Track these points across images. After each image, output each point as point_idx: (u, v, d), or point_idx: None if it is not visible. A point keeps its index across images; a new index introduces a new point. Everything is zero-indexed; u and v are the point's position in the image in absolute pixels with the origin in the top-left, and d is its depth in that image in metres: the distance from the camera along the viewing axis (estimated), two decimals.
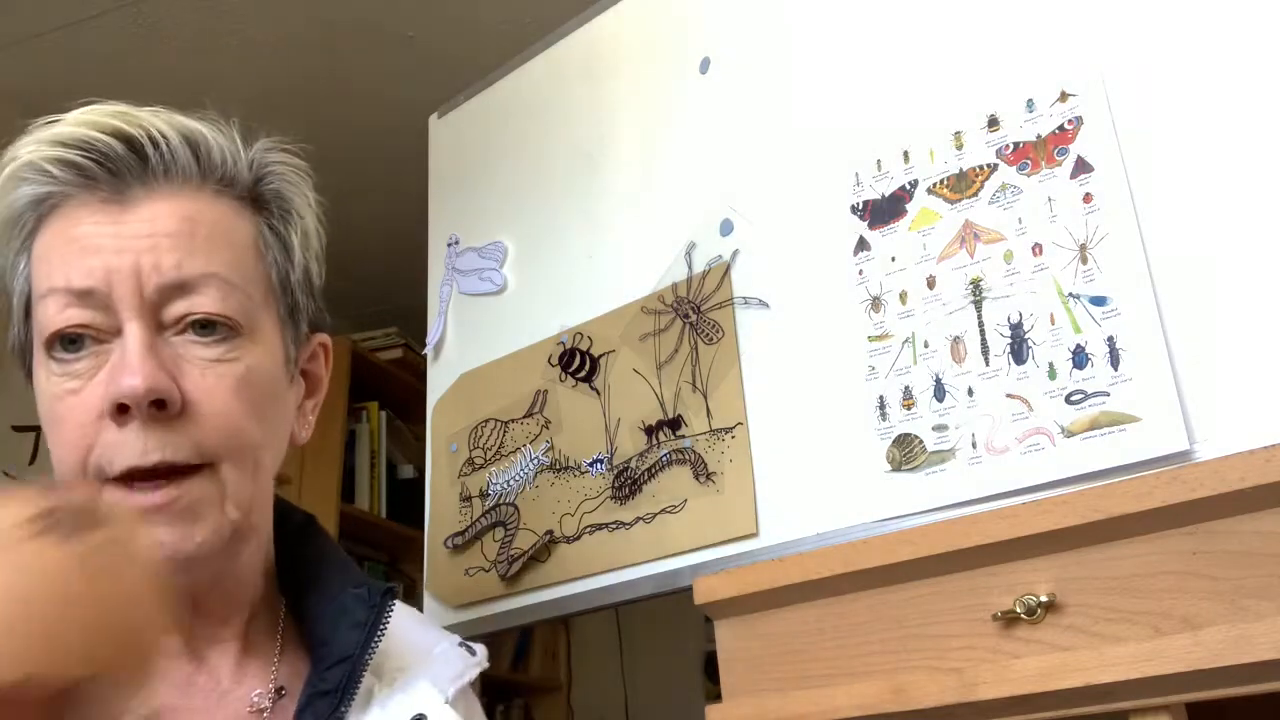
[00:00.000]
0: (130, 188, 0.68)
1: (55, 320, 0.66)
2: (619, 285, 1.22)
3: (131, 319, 0.66)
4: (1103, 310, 0.86)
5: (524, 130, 1.40)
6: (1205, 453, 0.79)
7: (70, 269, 0.66)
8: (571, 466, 1.20)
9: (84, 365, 0.66)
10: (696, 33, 1.23)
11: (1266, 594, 0.72)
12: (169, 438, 0.65)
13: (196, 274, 0.67)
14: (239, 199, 0.72)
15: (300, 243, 0.76)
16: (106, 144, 0.67)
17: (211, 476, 0.67)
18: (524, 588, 1.19)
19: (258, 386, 0.70)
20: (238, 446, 0.68)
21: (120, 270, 0.66)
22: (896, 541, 0.88)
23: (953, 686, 0.82)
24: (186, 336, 0.67)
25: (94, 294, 0.66)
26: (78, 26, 1.89)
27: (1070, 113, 0.92)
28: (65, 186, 0.68)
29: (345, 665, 0.71)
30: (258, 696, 0.72)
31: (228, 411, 0.67)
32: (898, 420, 0.95)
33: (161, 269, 0.66)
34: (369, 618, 0.73)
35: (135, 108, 0.70)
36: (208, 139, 0.71)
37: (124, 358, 0.65)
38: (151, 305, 0.66)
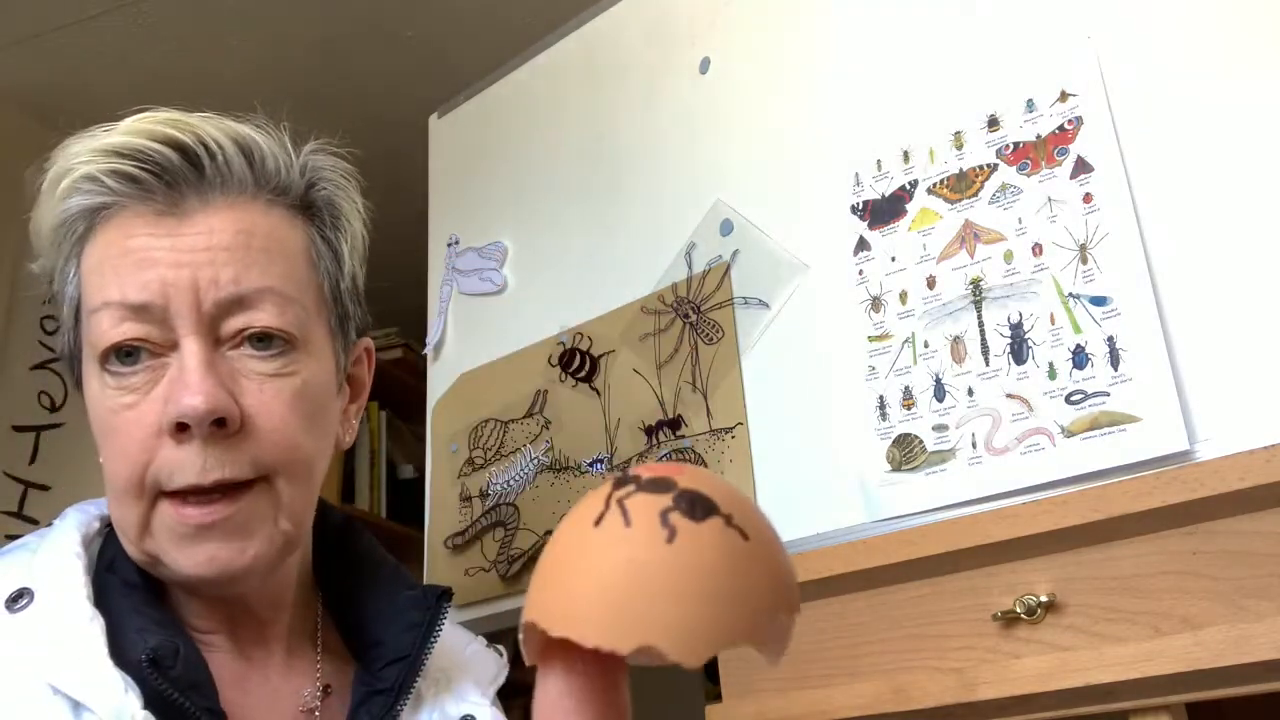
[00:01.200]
0: (186, 199, 0.67)
1: (110, 334, 0.65)
2: (619, 285, 1.22)
3: (189, 334, 0.65)
4: (1103, 310, 0.86)
5: (524, 130, 1.40)
6: (1205, 453, 0.79)
7: (126, 282, 0.65)
8: (571, 466, 1.20)
9: (139, 379, 0.65)
10: (696, 33, 1.23)
11: (1266, 594, 0.72)
12: (228, 455, 0.64)
13: (254, 288, 0.67)
14: (291, 208, 0.72)
15: (349, 250, 0.75)
16: (162, 154, 0.66)
17: (267, 490, 0.67)
18: (524, 588, 1.19)
19: (312, 399, 0.69)
20: (293, 460, 0.68)
21: (177, 284, 0.65)
22: (896, 541, 0.88)
23: (953, 686, 0.82)
24: (243, 350, 0.67)
25: (150, 308, 0.65)
26: (78, 26, 1.89)
27: (1070, 113, 0.92)
28: (119, 197, 0.67)
29: (401, 665, 0.71)
30: (308, 695, 0.73)
31: (285, 426, 0.67)
32: (898, 420, 0.95)
33: (219, 283, 0.66)
34: (424, 619, 0.74)
35: (188, 114, 0.69)
36: (261, 148, 0.70)
37: (183, 375, 0.64)
38: (209, 319, 0.66)
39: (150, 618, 0.66)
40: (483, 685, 0.78)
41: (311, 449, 0.69)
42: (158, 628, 0.65)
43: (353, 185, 0.77)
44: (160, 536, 0.66)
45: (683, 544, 0.30)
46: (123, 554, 0.70)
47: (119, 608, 0.66)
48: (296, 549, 0.73)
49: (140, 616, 0.66)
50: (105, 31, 1.91)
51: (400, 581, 0.78)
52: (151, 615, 0.66)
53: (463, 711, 0.75)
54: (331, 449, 0.74)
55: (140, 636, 0.64)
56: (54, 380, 1.87)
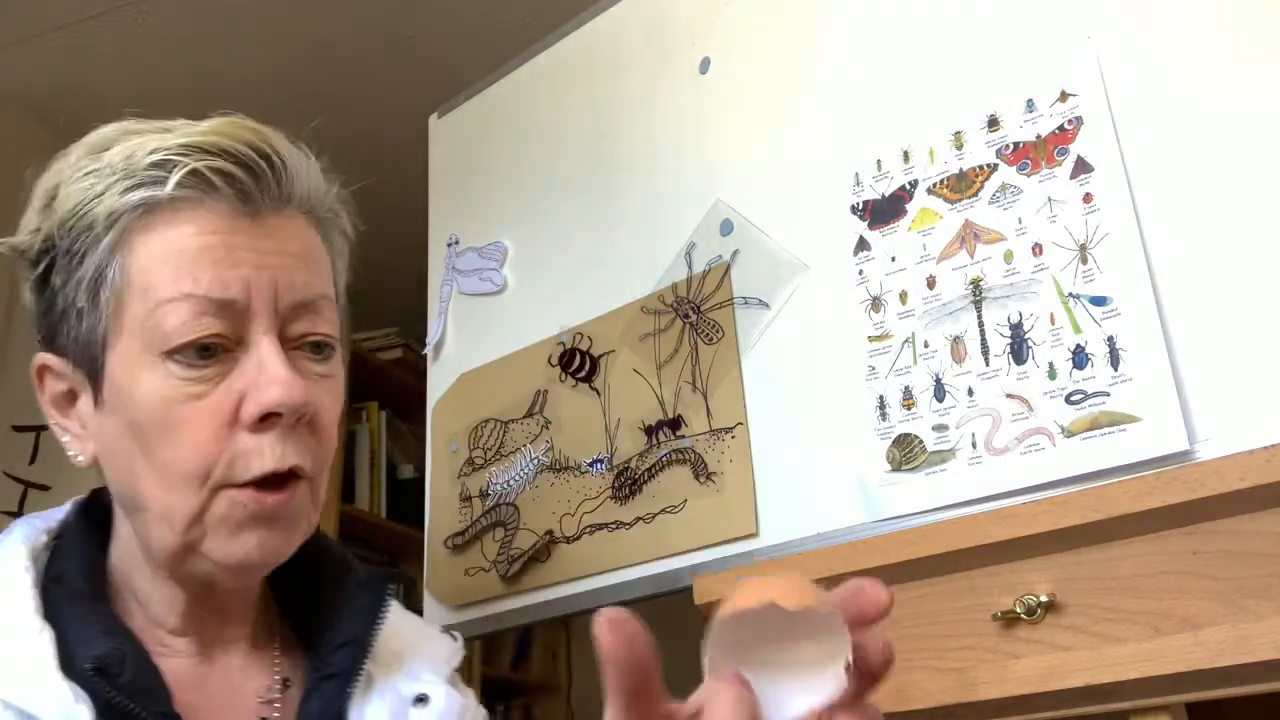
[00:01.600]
0: (262, 204, 0.70)
1: (191, 327, 0.66)
2: (619, 285, 1.22)
3: (266, 332, 0.68)
4: (1103, 310, 0.86)
5: (524, 130, 1.40)
6: (1205, 453, 0.79)
7: (208, 276, 0.67)
8: (571, 466, 1.20)
9: (210, 371, 0.67)
10: (696, 33, 1.23)
11: (1266, 594, 0.72)
12: (302, 446, 0.68)
13: (317, 295, 0.71)
14: (318, 221, 0.76)
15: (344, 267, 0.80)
16: (251, 158, 0.69)
17: (310, 486, 0.70)
18: (524, 588, 1.19)
19: (341, 400, 0.74)
20: (329, 459, 0.72)
21: (259, 284, 0.68)
22: (896, 541, 0.88)
23: (953, 686, 0.82)
24: (303, 352, 0.70)
25: (233, 304, 0.67)
26: (78, 26, 1.89)
27: (1070, 113, 0.92)
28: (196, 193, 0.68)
29: (350, 649, 0.74)
30: (266, 689, 0.74)
31: (332, 425, 0.72)
32: (898, 420, 0.95)
33: (295, 287, 0.69)
34: (371, 603, 0.77)
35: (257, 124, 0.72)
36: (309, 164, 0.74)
37: (269, 369, 0.67)
38: (282, 319, 0.69)
39: (98, 626, 0.67)
40: (437, 665, 0.80)
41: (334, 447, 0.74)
42: (105, 636, 0.66)
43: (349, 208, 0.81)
44: (212, 525, 0.67)
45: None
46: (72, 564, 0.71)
47: (67, 619, 0.67)
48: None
49: (88, 626, 0.67)
50: (105, 31, 1.90)
51: (347, 568, 0.81)
52: (99, 624, 0.67)
53: (417, 690, 0.77)
54: None
55: (87, 646, 0.65)
56: None
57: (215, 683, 0.73)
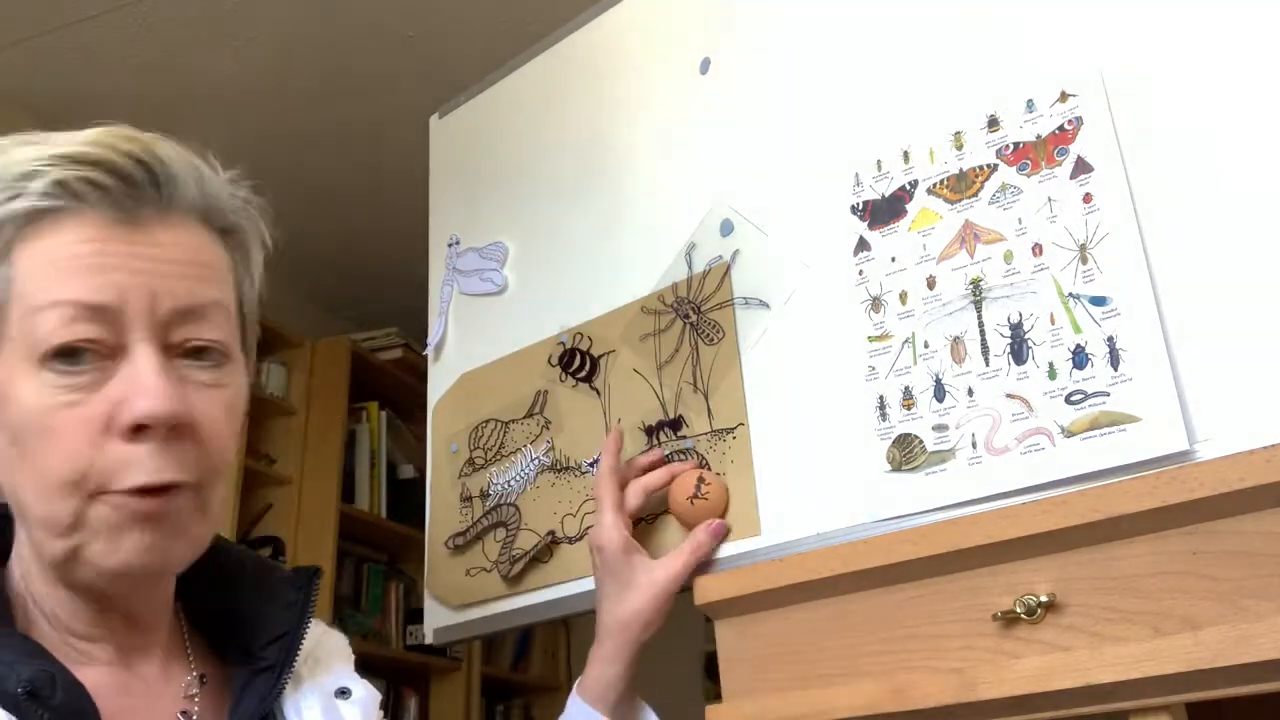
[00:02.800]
0: (142, 211, 0.69)
1: (60, 333, 0.66)
2: (619, 285, 1.22)
3: (143, 339, 0.67)
4: (1103, 310, 0.86)
5: (524, 130, 1.40)
6: (1205, 453, 0.79)
7: (80, 283, 0.67)
8: (572, 467, 1.20)
9: (85, 379, 0.67)
10: (696, 33, 1.23)
11: (1266, 594, 0.72)
12: (178, 459, 0.67)
13: (204, 302, 0.70)
14: (219, 231, 0.76)
15: (258, 275, 0.80)
16: (127, 167, 0.69)
17: (196, 494, 0.69)
18: (526, 588, 1.19)
19: (238, 410, 0.74)
20: (220, 469, 0.72)
21: (135, 289, 0.67)
22: (896, 541, 0.88)
23: (953, 686, 0.82)
24: (187, 360, 0.70)
25: (106, 310, 0.67)
26: (78, 26, 1.89)
27: (1070, 113, 0.92)
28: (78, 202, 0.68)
29: (282, 643, 0.76)
30: (185, 684, 0.76)
31: (221, 435, 0.71)
32: (898, 420, 0.95)
33: (175, 294, 0.69)
34: (298, 598, 0.79)
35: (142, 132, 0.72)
36: (206, 173, 0.74)
37: (141, 379, 0.66)
38: (162, 326, 0.68)
39: (19, 649, 0.67)
40: (346, 658, 0.84)
41: (231, 458, 0.74)
42: (28, 659, 0.66)
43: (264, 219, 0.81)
44: (91, 531, 0.67)
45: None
46: None
47: None
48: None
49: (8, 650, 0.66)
50: (105, 31, 1.91)
51: (267, 565, 0.83)
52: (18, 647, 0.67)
53: (339, 685, 0.80)
54: None
55: (12, 669, 0.64)
56: None
57: (137, 688, 0.73)
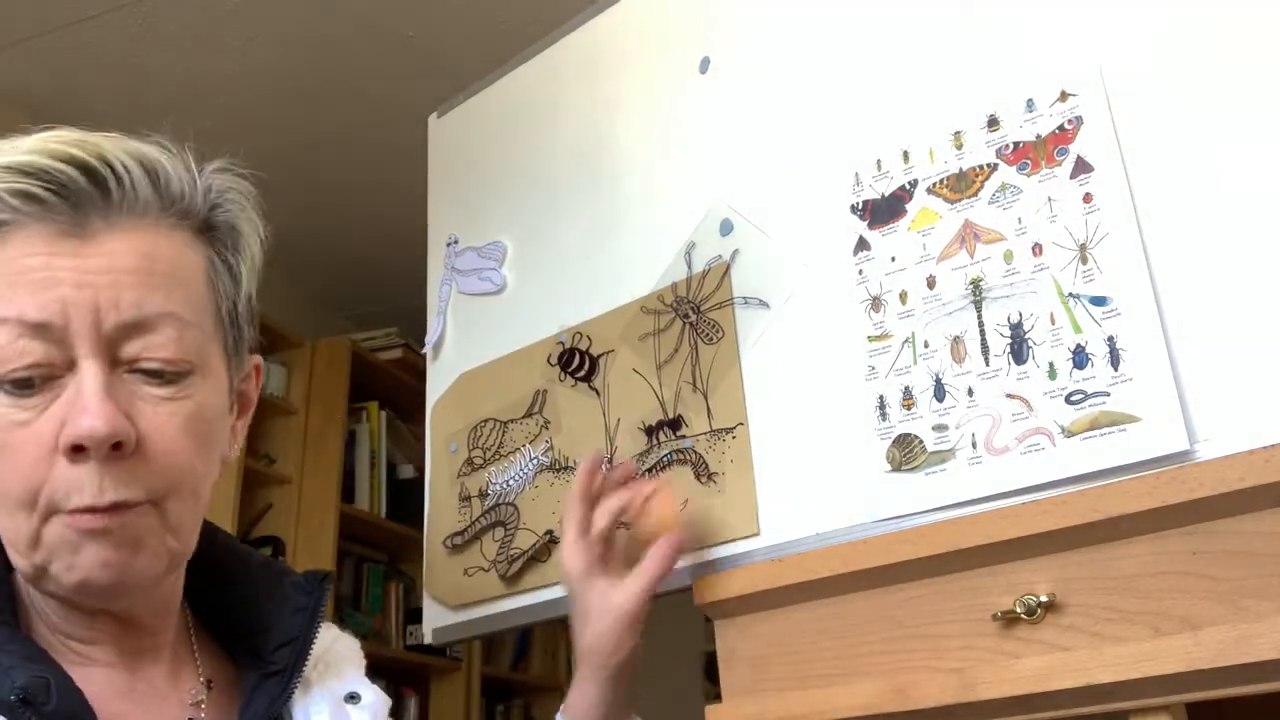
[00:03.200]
0: (90, 220, 0.66)
1: (7, 353, 0.64)
2: (619, 285, 1.22)
3: (88, 356, 0.65)
4: (1103, 310, 0.86)
5: (524, 130, 1.40)
6: (1205, 453, 0.79)
7: (24, 300, 0.64)
8: (571, 466, 1.20)
9: (36, 398, 0.65)
10: (696, 33, 1.23)
11: (1266, 594, 0.72)
12: (123, 477, 0.65)
13: (154, 313, 0.67)
14: (192, 230, 0.72)
15: (247, 271, 0.76)
16: (67, 175, 0.66)
17: (154, 510, 0.67)
18: (524, 588, 1.19)
19: (205, 422, 0.70)
20: (182, 484, 0.69)
21: (79, 305, 0.65)
22: (896, 541, 0.88)
23: (953, 686, 0.82)
24: (140, 376, 0.67)
25: (50, 327, 0.64)
26: (78, 26, 1.89)
27: (1070, 113, 0.92)
28: (21, 216, 0.66)
29: (292, 646, 0.75)
30: (193, 690, 0.75)
31: (177, 450, 0.68)
32: (898, 420, 0.95)
33: (120, 306, 0.66)
34: (309, 603, 0.78)
35: (91, 134, 0.68)
36: (167, 170, 0.70)
37: (82, 398, 0.64)
38: (108, 341, 0.66)
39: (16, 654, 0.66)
40: (356, 663, 0.83)
41: (199, 471, 0.70)
42: (26, 663, 0.65)
43: (253, 206, 0.78)
44: (51, 549, 0.66)
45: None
46: None
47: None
48: (181, 565, 0.74)
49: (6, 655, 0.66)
50: (105, 31, 1.91)
51: (277, 569, 0.82)
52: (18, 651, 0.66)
53: (348, 689, 0.79)
54: (219, 467, 0.75)
55: (8, 675, 0.64)
56: None
57: (141, 690, 0.73)
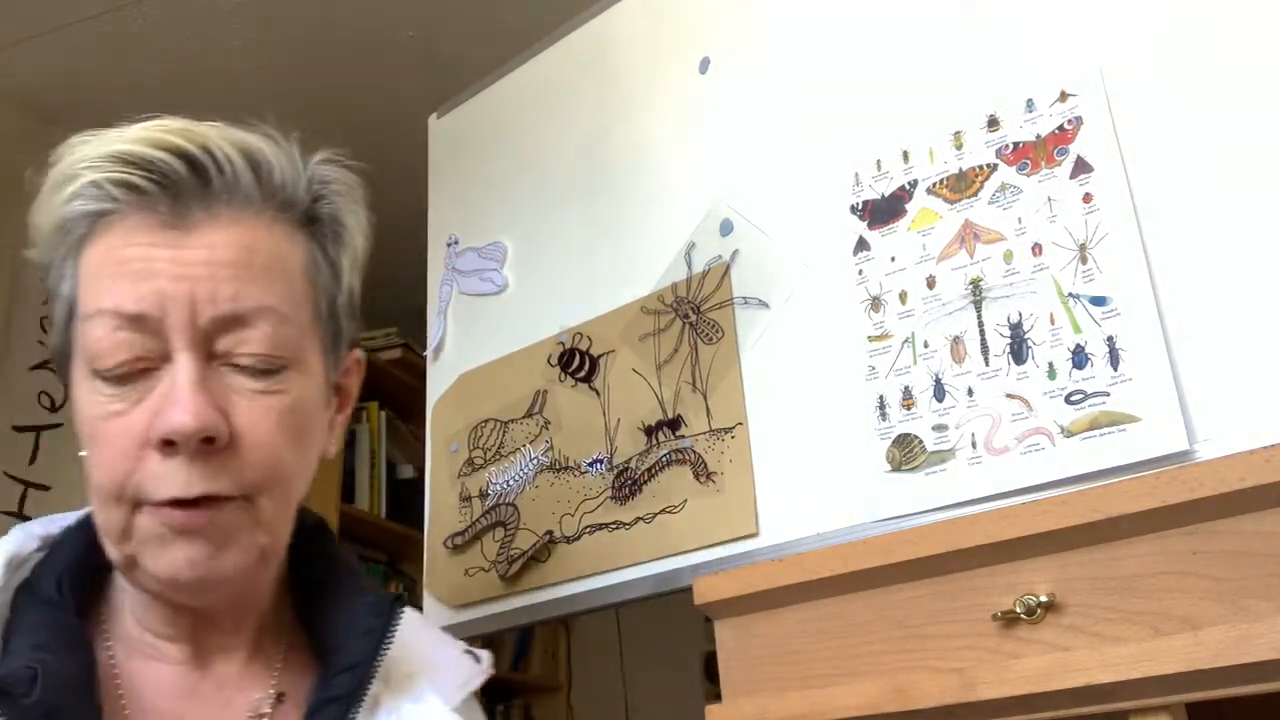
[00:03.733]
0: (191, 211, 0.66)
1: (103, 345, 0.64)
2: (619, 285, 1.22)
3: (183, 349, 0.64)
4: (1103, 310, 0.86)
5: (524, 130, 1.40)
6: (1205, 453, 0.79)
7: (123, 291, 0.64)
8: (571, 466, 1.20)
9: (131, 390, 0.65)
10: (696, 33, 1.23)
11: (1266, 594, 0.72)
12: (213, 471, 0.64)
13: (251, 307, 0.66)
14: (294, 222, 0.71)
15: (349, 264, 0.74)
16: (169, 165, 0.65)
17: (247, 506, 0.66)
18: (524, 588, 1.19)
19: (300, 415, 0.69)
20: (275, 478, 0.68)
21: (175, 297, 0.64)
22: (896, 541, 0.88)
23: (953, 686, 0.82)
24: (235, 369, 0.66)
25: (146, 319, 0.64)
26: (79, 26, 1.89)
27: (1070, 113, 0.92)
28: (122, 205, 0.66)
29: (354, 673, 0.71)
30: (258, 700, 0.72)
31: (271, 444, 0.67)
32: (898, 420, 0.95)
33: (217, 300, 0.65)
34: (378, 626, 0.74)
35: (198, 123, 0.67)
36: (270, 160, 0.69)
37: (175, 391, 0.63)
38: (204, 335, 0.65)
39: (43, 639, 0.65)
40: (446, 690, 0.77)
41: (294, 466, 0.69)
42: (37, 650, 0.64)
43: (357, 198, 0.76)
44: (141, 541, 0.65)
45: None
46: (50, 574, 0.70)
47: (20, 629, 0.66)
48: (273, 562, 0.73)
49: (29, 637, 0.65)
50: (105, 31, 1.91)
51: (357, 588, 0.78)
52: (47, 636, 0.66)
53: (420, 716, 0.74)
54: (316, 462, 0.74)
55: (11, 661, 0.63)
56: (54, 380, 1.87)
57: (206, 690, 0.71)
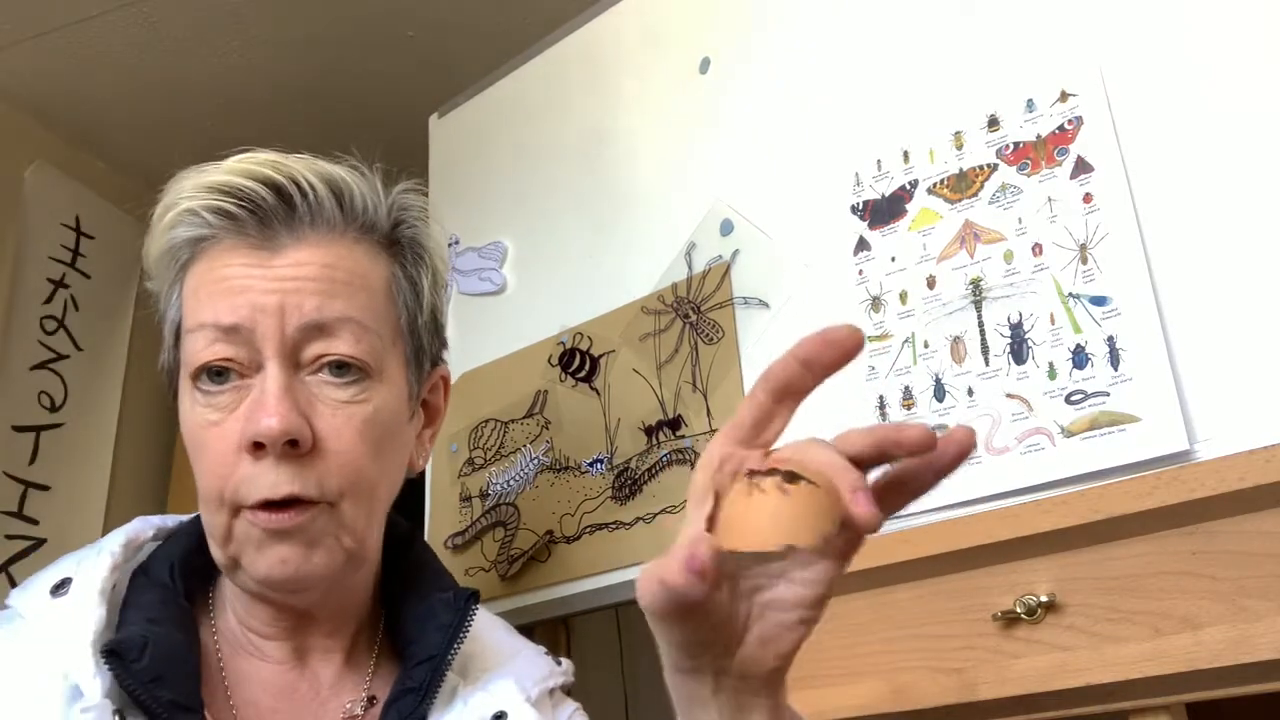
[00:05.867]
0: (278, 234, 0.72)
1: (203, 354, 0.70)
2: (619, 285, 1.22)
3: (272, 357, 0.70)
4: (1103, 310, 0.86)
5: (524, 130, 1.40)
6: (1205, 453, 0.79)
7: (219, 306, 0.70)
8: (571, 466, 1.20)
9: (226, 398, 0.70)
10: (696, 33, 1.23)
11: (1266, 594, 0.72)
12: (299, 473, 0.69)
13: (334, 317, 0.71)
14: (377, 244, 0.77)
15: (429, 284, 0.80)
16: (258, 193, 0.72)
17: (330, 510, 0.71)
18: (524, 588, 1.19)
19: (382, 426, 0.74)
20: (357, 484, 0.72)
21: (265, 309, 0.70)
22: (896, 541, 0.88)
23: (953, 686, 0.82)
24: (321, 376, 0.71)
25: (239, 330, 0.70)
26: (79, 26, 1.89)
27: (1070, 113, 0.92)
28: (217, 230, 0.72)
29: (430, 664, 0.75)
30: (350, 705, 0.76)
31: (352, 451, 0.71)
32: (898, 420, 0.95)
33: (303, 310, 0.70)
34: (453, 620, 0.77)
35: (286, 156, 0.74)
36: (351, 187, 0.75)
37: (263, 397, 0.69)
38: (292, 344, 0.70)
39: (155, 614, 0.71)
40: (524, 685, 0.80)
41: (376, 473, 0.74)
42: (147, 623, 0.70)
43: (436, 224, 0.83)
44: (240, 543, 0.70)
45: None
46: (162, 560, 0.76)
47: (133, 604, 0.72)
48: (363, 565, 0.77)
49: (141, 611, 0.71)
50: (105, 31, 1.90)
51: (436, 584, 0.82)
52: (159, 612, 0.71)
53: (496, 708, 0.77)
54: (402, 473, 0.79)
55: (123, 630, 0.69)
56: (54, 380, 1.87)
57: (304, 691, 0.75)
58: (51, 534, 1.78)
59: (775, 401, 0.56)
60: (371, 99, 2.19)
